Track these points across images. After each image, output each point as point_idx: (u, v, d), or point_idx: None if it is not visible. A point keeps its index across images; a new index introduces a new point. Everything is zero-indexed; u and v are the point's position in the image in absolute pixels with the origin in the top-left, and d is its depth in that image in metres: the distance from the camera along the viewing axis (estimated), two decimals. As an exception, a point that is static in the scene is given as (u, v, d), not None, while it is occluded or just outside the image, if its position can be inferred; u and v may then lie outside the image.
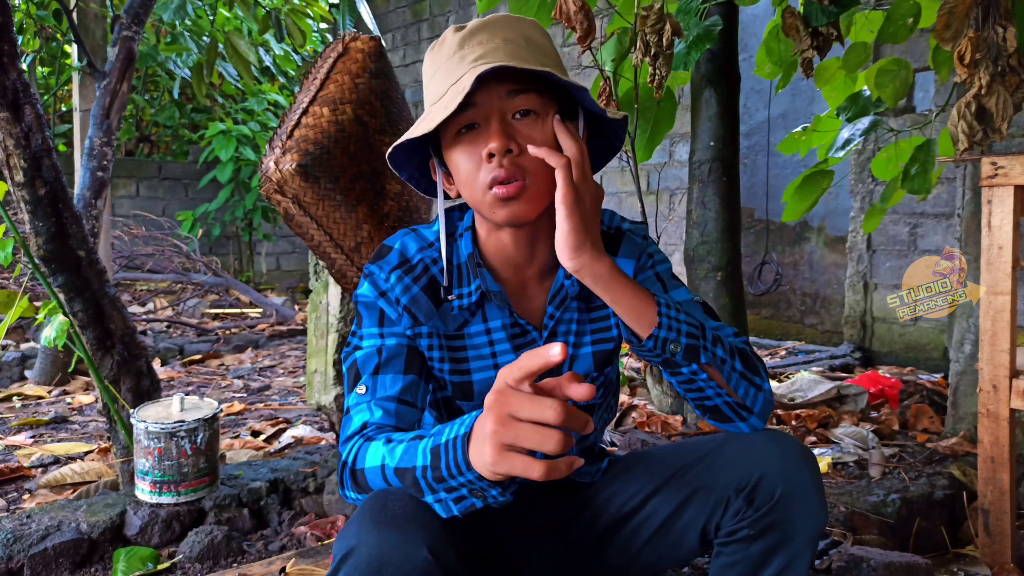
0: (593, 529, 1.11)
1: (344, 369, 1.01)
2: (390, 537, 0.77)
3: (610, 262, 0.89)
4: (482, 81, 0.88)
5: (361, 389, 0.95)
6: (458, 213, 1.06)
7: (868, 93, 2.09)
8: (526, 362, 0.68)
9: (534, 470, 0.67)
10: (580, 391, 0.67)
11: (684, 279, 2.48)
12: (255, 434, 2.67)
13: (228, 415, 2.98)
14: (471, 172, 0.92)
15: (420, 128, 0.91)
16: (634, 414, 2.75)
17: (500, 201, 0.91)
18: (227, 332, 4.99)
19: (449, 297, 1.01)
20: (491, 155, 0.89)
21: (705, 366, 0.93)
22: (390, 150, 0.97)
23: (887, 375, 3.08)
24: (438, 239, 1.03)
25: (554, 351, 0.65)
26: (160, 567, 1.57)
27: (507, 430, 0.68)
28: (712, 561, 1.03)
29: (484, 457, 0.70)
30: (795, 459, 0.95)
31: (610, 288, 0.89)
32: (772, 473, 0.94)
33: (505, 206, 0.91)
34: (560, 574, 1.14)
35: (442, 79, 0.93)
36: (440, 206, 1.01)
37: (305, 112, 1.54)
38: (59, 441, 2.61)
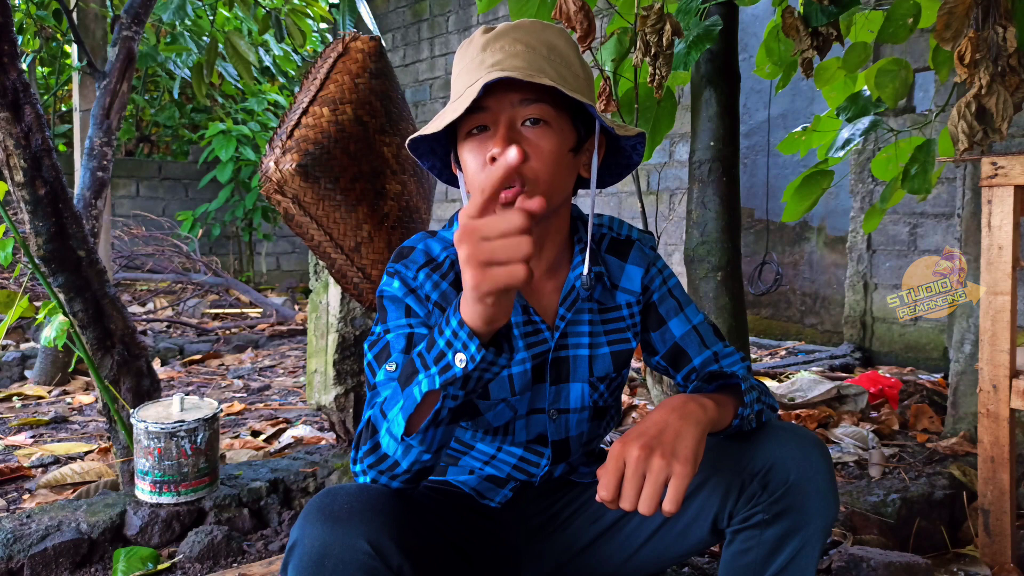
0: (596, 525, 1.11)
1: (367, 360, 1.01)
2: (332, 530, 0.80)
3: (699, 410, 0.92)
4: (495, 86, 0.91)
5: (391, 367, 0.95)
6: None
7: (868, 93, 2.09)
8: (486, 179, 0.71)
9: (517, 275, 0.70)
10: (534, 203, 0.71)
11: (684, 279, 2.48)
12: (255, 434, 2.67)
13: (228, 415, 2.98)
14: (475, 172, 0.96)
15: (431, 126, 0.95)
16: (634, 414, 2.75)
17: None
18: (227, 332, 4.99)
19: None
20: (493, 159, 0.92)
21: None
22: (407, 141, 1.01)
23: (887, 375, 3.08)
24: None
25: (511, 154, 0.69)
26: (160, 567, 1.57)
27: (481, 250, 0.71)
28: (724, 550, 1.04)
29: (468, 285, 0.73)
30: (808, 446, 0.98)
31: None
32: (786, 458, 0.97)
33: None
34: (560, 571, 1.14)
35: (463, 79, 0.96)
36: (464, 197, 1.03)
37: (305, 112, 1.54)
38: (59, 441, 2.61)
